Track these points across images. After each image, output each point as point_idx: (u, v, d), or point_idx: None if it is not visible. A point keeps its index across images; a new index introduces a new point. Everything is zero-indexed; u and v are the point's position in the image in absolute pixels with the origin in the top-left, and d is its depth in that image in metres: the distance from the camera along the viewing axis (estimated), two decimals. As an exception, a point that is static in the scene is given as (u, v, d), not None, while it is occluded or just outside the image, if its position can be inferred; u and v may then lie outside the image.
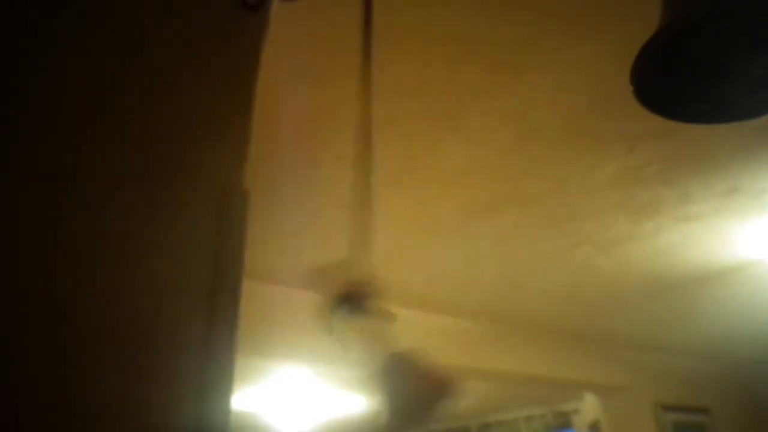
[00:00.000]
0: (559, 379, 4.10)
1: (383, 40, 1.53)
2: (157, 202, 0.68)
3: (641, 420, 4.37)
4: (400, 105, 1.76)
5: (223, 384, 0.63)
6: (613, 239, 2.74)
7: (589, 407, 4.66)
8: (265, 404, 4.59)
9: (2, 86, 0.62)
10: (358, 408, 5.30)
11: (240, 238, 0.72)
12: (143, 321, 0.61)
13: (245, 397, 4.32)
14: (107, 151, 0.66)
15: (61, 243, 0.59)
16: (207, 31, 0.83)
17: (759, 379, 5.19)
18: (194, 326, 0.64)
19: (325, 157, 2.00)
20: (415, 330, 3.36)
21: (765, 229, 2.73)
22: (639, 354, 4.47)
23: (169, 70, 0.77)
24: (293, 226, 2.42)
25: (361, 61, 0.95)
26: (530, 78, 1.69)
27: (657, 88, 0.90)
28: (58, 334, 0.56)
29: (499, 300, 3.43)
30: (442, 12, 1.46)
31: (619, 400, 4.37)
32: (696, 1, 0.81)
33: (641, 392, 4.39)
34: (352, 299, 0.81)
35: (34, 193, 0.59)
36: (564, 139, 1.99)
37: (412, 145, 1.98)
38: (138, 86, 0.72)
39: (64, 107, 0.65)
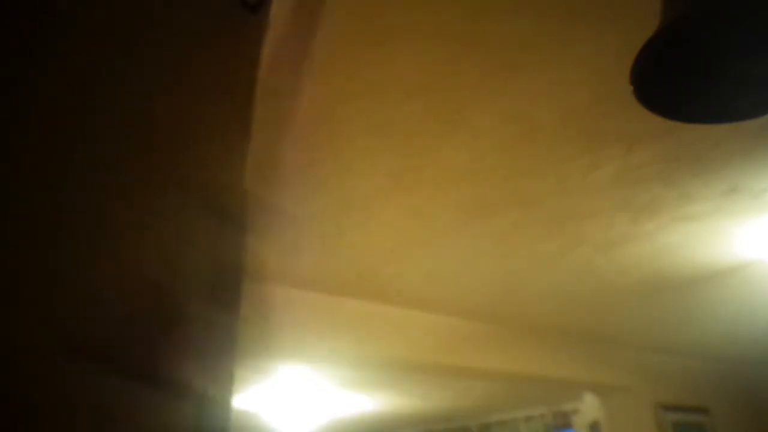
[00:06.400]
0: (559, 379, 4.10)
1: (383, 40, 1.54)
2: (155, 201, 0.68)
3: (641, 420, 4.37)
4: (399, 105, 1.77)
5: (223, 384, 0.64)
6: (613, 239, 2.74)
7: (589, 407, 4.66)
8: (265, 404, 4.59)
9: (2, 86, 0.62)
10: (358, 408, 5.31)
11: (240, 238, 0.72)
12: (142, 321, 0.61)
13: (245, 397, 4.32)
14: (105, 152, 0.66)
15: (59, 243, 0.59)
16: (207, 31, 0.83)
17: (759, 379, 5.19)
18: (194, 326, 0.64)
19: (325, 157, 2.00)
20: (415, 330, 3.37)
21: (765, 229, 2.73)
22: (639, 354, 4.47)
23: (167, 70, 0.77)
24: (293, 226, 2.42)
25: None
26: (530, 78, 1.69)
27: (657, 88, 0.90)
28: (56, 334, 0.56)
29: (499, 300, 3.43)
30: (442, 12, 1.46)
31: (619, 400, 4.37)
32: (696, 1, 0.81)
33: (641, 392, 4.39)
34: None
35: (32, 192, 0.59)
36: (564, 139, 1.99)
37: (412, 145, 1.98)
38: (136, 86, 0.73)
39: (61, 107, 0.65)
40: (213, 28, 0.84)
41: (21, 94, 0.63)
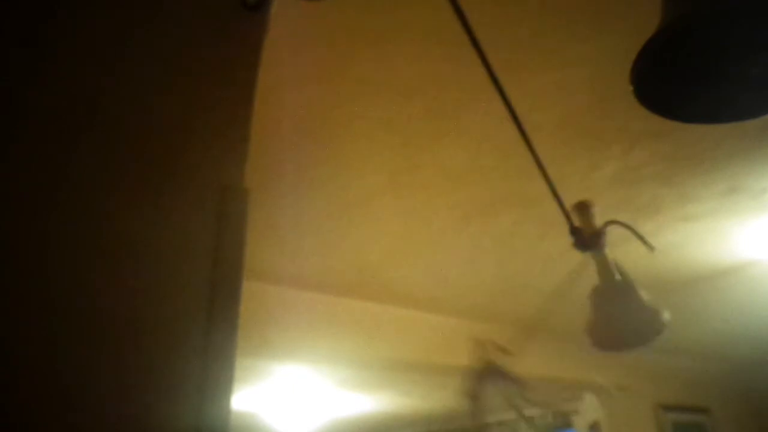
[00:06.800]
0: (559, 379, 4.10)
1: (383, 40, 1.54)
2: (156, 201, 0.68)
3: (641, 420, 4.37)
4: (399, 105, 1.76)
5: (223, 384, 0.64)
6: (613, 239, 2.74)
7: (589, 407, 4.66)
8: (265, 404, 4.59)
9: (1, 86, 0.62)
10: (358, 408, 5.30)
11: (240, 238, 0.72)
12: (142, 321, 0.61)
13: (245, 397, 4.32)
14: (106, 151, 0.66)
15: (59, 243, 0.59)
16: (207, 31, 0.83)
17: (759, 379, 5.19)
18: (194, 326, 0.64)
19: (324, 157, 2.00)
20: (415, 330, 3.37)
21: (765, 229, 2.73)
22: (639, 354, 4.46)
23: (168, 70, 0.77)
24: (293, 226, 2.42)
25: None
26: (530, 78, 1.69)
27: (657, 88, 0.90)
28: (56, 335, 0.56)
29: (499, 300, 3.43)
30: (442, 12, 1.46)
31: (619, 400, 4.37)
32: (696, 1, 0.81)
33: (641, 392, 4.39)
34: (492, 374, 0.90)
35: (32, 193, 0.59)
36: (564, 139, 1.99)
37: (412, 145, 1.98)
38: (137, 86, 0.72)
39: (62, 107, 0.65)
40: (213, 28, 0.84)
41: (21, 94, 0.63)
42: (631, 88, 0.88)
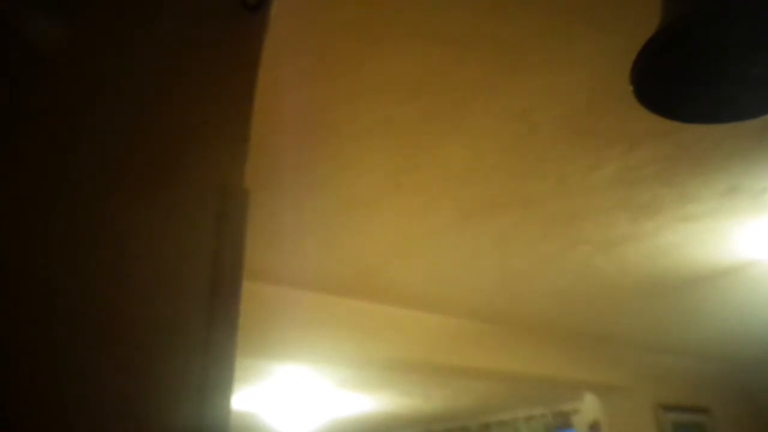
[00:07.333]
0: (559, 379, 4.10)
1: (383, 40, 1.54)
2: (156, 201, 0.68)
3: (641, 420, 4.37)
4: (399, 105, 1.77)
5: (223, 384, 0.64)
6: (613, 239, 2.74)
7: (589, 407, 4.66)
8: (265, 404, 4.59)
9: (1, 86, 0.62)
10: (358, 408, 5.30)
11: (240, 238, 0.72)
12: (142, 321, 0.61)
13: (245, 397, 4.32)
14: (105, 151, 0.66)
15: (59, 243, 0.59)
16: (207, 31, 0.83)
17: (759, 379, 5.19)
18: (194, 326, 0.64)
19: (324, 157, 2.00)
20: (415, 330, 3.37)
21: (765, 229, 2.73)
22: (639, 354, 4.47)
23: (168, 70, 0.77)
24: (293, 226, 2.42)
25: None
26: (530, 78, 1.69)
27: (657, 88, 0.90)
28: (55, 335, 0.56)
29: (499, 300, 3.43)
30: (442, 12, 1.46)
31: (619, 400, 4.37)
32: (696, 1, 0.81)
33: (641, 392, 4.39)
34: None
35: (31, 192, 0.59)
36: (564, 139, 1.99)
37: (412, 145, 1.98)
38: (137, 85, 0.72)
39: (62, 106, 0.65)
40: (213, 28, 0.84)
41: (21, 94, 0.63)
42: (631, 88, 0.88)
